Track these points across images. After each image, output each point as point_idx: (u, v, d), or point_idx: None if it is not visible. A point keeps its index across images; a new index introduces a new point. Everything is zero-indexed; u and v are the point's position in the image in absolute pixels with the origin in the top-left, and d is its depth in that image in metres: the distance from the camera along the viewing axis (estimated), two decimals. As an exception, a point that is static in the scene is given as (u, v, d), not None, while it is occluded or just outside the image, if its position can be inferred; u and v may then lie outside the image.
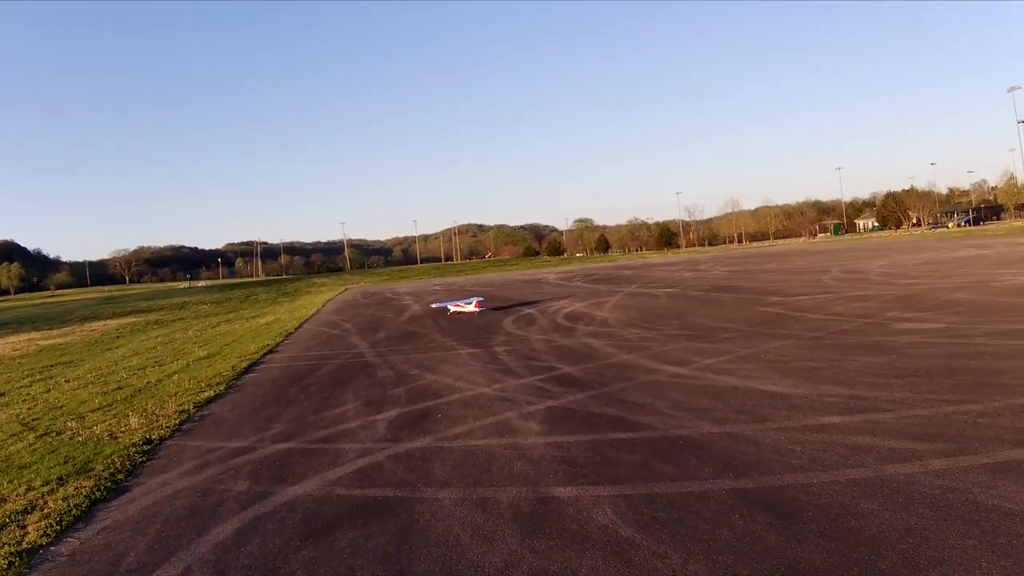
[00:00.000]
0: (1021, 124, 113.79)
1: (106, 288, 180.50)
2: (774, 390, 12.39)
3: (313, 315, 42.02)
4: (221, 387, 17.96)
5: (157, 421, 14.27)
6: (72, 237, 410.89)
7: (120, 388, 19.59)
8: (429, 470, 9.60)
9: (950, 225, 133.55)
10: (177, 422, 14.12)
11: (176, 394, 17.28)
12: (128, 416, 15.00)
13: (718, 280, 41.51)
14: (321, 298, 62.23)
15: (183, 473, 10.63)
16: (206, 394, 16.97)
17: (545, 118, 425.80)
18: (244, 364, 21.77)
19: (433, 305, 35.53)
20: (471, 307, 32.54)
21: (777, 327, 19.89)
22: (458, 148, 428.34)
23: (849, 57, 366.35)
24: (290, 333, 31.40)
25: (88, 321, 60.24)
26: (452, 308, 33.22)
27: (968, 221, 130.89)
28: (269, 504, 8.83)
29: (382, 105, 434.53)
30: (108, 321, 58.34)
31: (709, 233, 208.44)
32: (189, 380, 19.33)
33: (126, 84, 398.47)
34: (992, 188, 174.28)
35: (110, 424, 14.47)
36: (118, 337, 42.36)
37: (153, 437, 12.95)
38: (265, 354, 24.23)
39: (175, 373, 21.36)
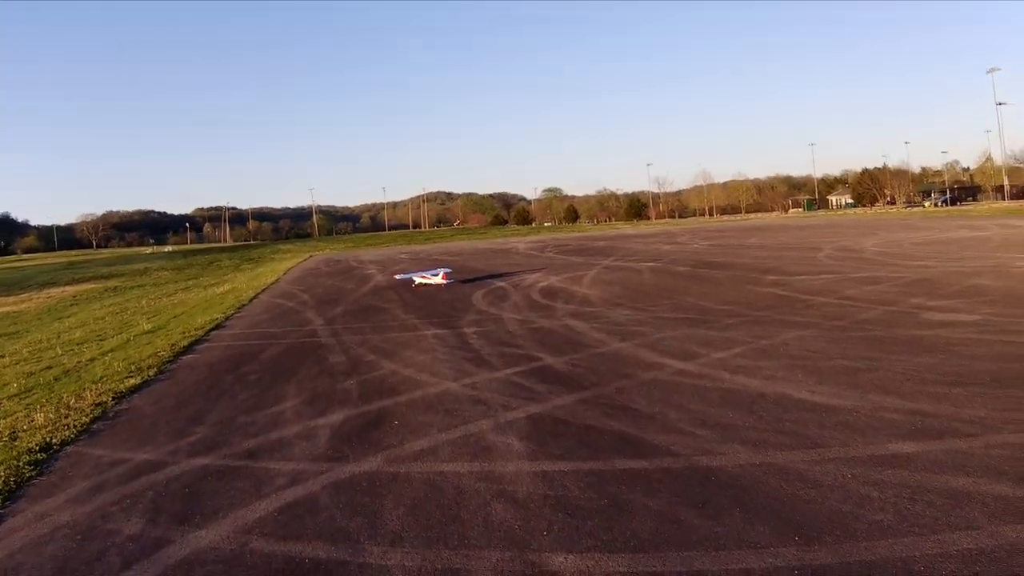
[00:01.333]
0: (1000, 106, 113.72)
1: (73, 252, 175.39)
2: (813, 400, 10.00)
3: (272, 284, 39.34)
4: (152, 371, 15.56)
5: (67, 417, 11.86)
6: (43, 201, 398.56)
7: (49, 368, 17.60)
8: (378, 512, 7.12)
9: (926, 204, 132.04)
10: (89, 419, 11.75)
11: (101, 379, 14.97)
12: (41, 407, 12.68)
13: (702, 254, 39.16)
14: (283, 266, 59.45)
15: (70, 500, 8.20)
16: (132, 380, 14.56)
17: (514, 88, 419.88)
18: (185, 342, 19.36)
19: (397, 276, 32.70)
20: (438, 279, 29.93)
21: (787, 312, 17.57)
22: (428, 116, 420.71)
23: (823, 35, 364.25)
24: (244, 305, 28.79)
25: (47, 287, 58.63)
26: (417, 279, 30.54)
27: (945, 201, 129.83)
28: (160, 562, 6.44)
29: (352, 72, 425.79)
30: (67, 287, 56.71)
31: (678, 205, 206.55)
32: (122, 361, 17.14)
33: (97, 49, 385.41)
34: (965, 169, 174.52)
35: (17, 418, 12.21)
36: (72, 305, 41.17)
37: (54, 441, 10.56)
38: (211, 330, 21.74)
39: (112, 351, 19.38)
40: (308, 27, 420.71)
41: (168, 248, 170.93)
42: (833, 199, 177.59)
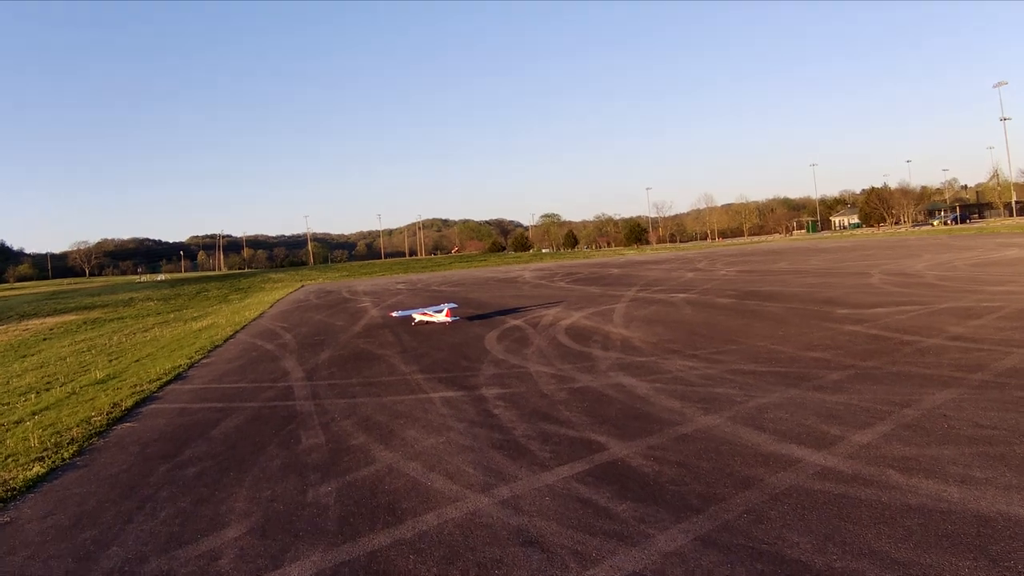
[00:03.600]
0: (1005, 121, 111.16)
1: (66, 281, 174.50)
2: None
3: (255, 319, 35.37)
4: (71, 450, 11.87)
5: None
6: (39, 230, 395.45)
7: (-35, 433, 14.03)
8: None
9: (934, 223, 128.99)
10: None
11: (6, 461, 11.47)
12: None
13: (736, 282, 34.91)
14: (271, 297, 55.43)
15: None
16: (38, 468, 10.83)
17: (511, 114, 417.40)
18: (131, 401, 15.70)
19: (394, 313, 28.19)
20: (441, 316, 25.71)
21: (901, 361, 13.52)
22: (423, 143, 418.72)
23: (820, 55, 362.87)
24: (217, 346, 24.94)
25: (27, 319, 56.28)
26: (418, 317, 26.42)
27: (955, 219, 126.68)
28: None
29: (348, 99, 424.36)
30: (46, 319, 54.35)
31: (678, 229, 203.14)
32: (47, 428, 13.76)
33: (93, 77, 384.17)
34: (964, 187, 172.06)
35: None
36: (44, 340, 38.20)
37: None
38: (168, 382, 17.99)
39: (46, 408, 16.31)
40: (303, 55, 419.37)
41: (161, 276, 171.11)
42: (836, 220, 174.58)
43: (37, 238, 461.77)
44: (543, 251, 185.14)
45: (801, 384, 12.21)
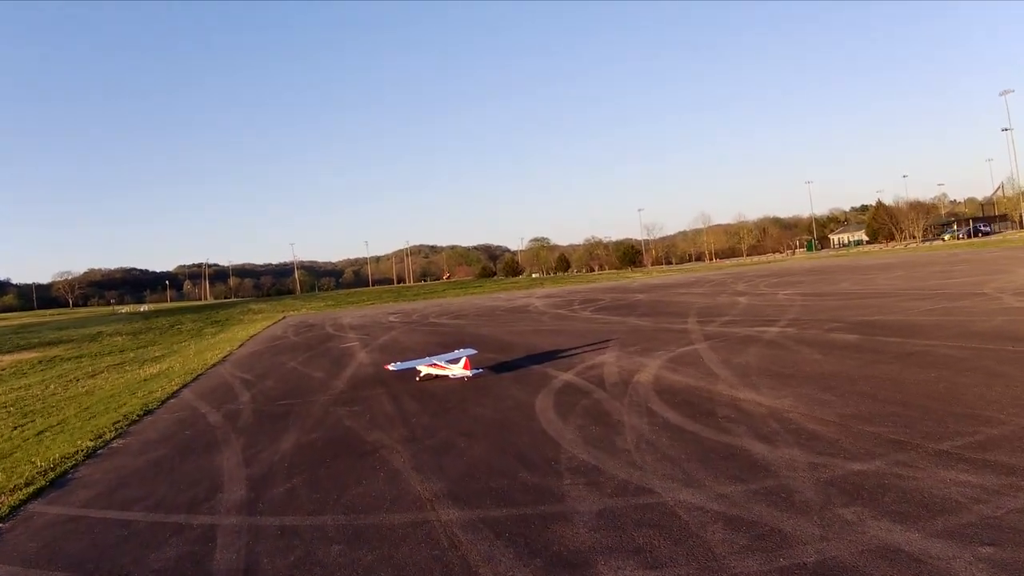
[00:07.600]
0: (1009, 131, 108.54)
1: (48, 312, 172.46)
2: None
3: (215, 365, 28.51)
4: None
5: None
6: (27, 259, 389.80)
7: None
8: None
9: (945, 238, 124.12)
10: None
11: None
12: None
13: (819, 309, 27.67)
14: (245, 333, 48.67)
15: None
16: None
17: (495, 139, 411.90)
18: None
19: (392, 367, 19.56)
20: (458, 368, 18.45)
21: None
22: (408, 168, 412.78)
23: (807, 75, 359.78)
24: (148, 411, 18.55)
25: None
26: (424, 370, 19.01)
27: (969, 232, 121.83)
28: None
29: (332, 126, 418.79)
30: (3, 357, 48.79)
31: (669, 251, 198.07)
32: None
33: (81, 105, 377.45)
34: (955, 201, 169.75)
35: None
36: None
37: None
38: (40, 490, 11.77)
39: None
40: (288, 83, 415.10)
41: (144, 307, 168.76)
42: (835, 238, 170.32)
43: (26, 268, 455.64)
44: (534, 276, 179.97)
45: None
